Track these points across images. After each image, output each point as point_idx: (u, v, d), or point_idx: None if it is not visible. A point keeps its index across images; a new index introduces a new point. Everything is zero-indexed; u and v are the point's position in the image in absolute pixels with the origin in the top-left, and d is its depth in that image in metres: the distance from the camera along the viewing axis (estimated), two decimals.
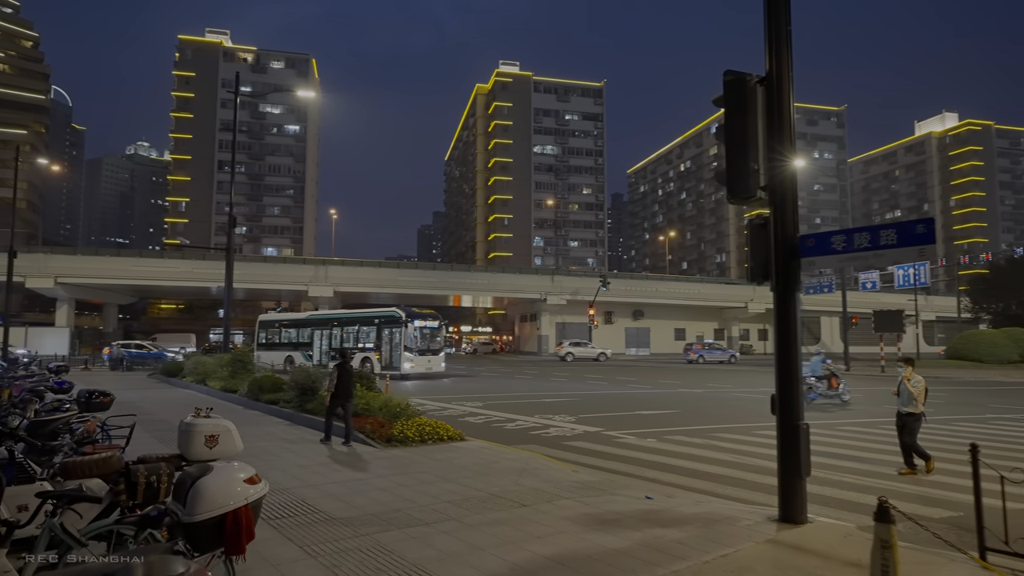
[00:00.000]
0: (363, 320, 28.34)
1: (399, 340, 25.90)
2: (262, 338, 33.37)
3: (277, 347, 32.05)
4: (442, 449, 9.41)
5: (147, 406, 14.64)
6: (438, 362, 27.09)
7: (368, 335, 27.71)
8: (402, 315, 26.19)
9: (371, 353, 26.95)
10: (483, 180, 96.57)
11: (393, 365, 25.78)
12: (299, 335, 31.23)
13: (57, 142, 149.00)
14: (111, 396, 7.61)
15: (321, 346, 29.64)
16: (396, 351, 26.01)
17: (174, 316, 75.66)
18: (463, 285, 57.66)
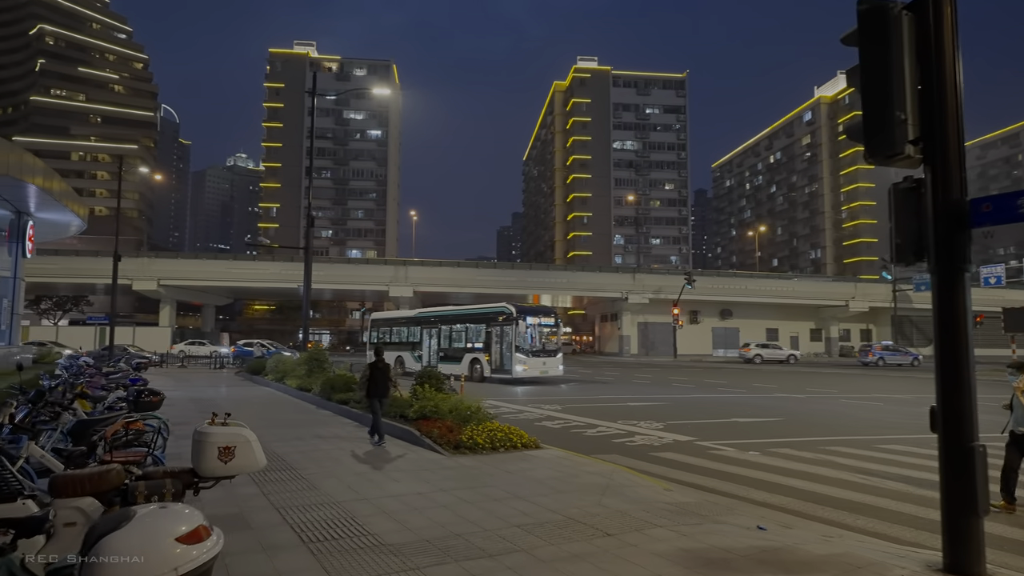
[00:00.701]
0: (471, 317, 25.64)
1: (510, 339, 22.91)
2: (373, 337, 31.62)
3: (388, 347, 30.09)
4: (515, 459, 8.47)
5: (223, 404, 14.64)
6: (554, 365, 23.89)
7: (477, 334, 24.98)
8: (512, 311, 23.12)
9: (480, 354, 24.27)
10: (561, 178, 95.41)
11: (504, 368, 23.05)
12: (408, 334, 29.12)
13: (165, 156, 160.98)
14: (160, 395, 7.21)
15: (430, 346, 27.22)
16: (507, 352, 23.09)
17: (267, 317, 79.35)
18: (542, 284, 56.78)
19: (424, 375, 11.83)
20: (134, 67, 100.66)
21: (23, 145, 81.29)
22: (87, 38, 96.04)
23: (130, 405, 6.96)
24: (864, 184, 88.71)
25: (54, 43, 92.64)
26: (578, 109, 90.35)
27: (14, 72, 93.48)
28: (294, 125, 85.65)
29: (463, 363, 24.44)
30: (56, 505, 3.30)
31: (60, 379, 8.02)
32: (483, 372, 23.70)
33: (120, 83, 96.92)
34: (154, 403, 7.06)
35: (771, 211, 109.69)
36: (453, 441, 8.99)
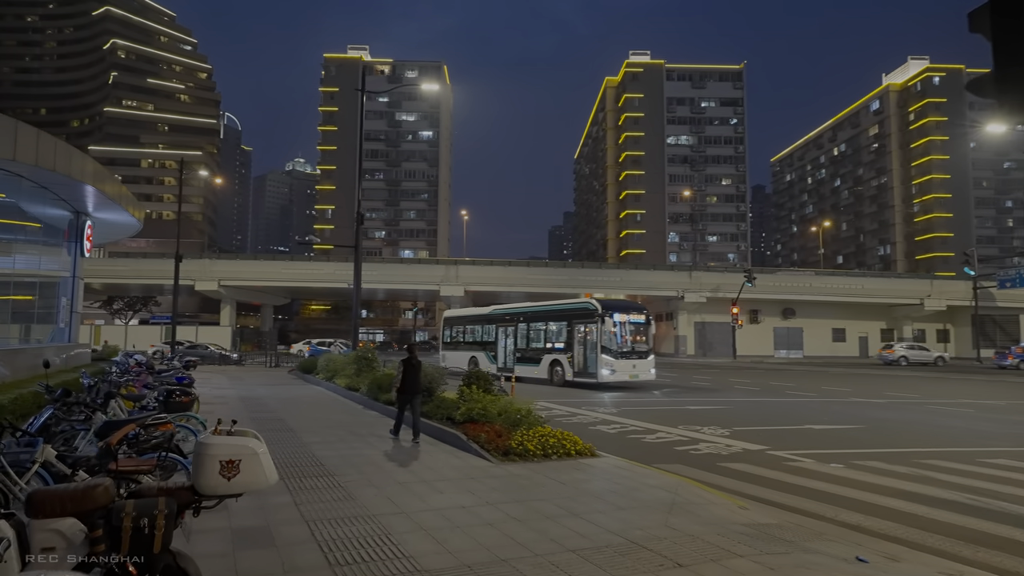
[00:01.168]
0: (551, 314, 23.23)
1: (595, 339, 20.36)
2: (446, 336, 29.60)
3: (461, 346, 28.11)
4: (568, 467, 7.77)
5: (270, 404, 14.49)
6: (646, 368, 21.05)
7: (558, 333, 22.59)
8: (597, 307, 20.66)
9: (561, 355, 21.86)
10: (613, 176, 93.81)
11: (588, 371, 20.57)
12: (482, 333, 26.95)
13: (228, 162, 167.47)
14: (191, 396, 6.86)
15: (505, 346, 25.05)
16: (591, 353, 20.55)
17: (322, 316, 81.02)
18: (594, 283, 55.65)
19: (472, 376, 11.23)
20: (198, 77, 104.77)
21: (97, 154, 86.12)
22: (155, 51, 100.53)
23: (160, 406, 6.63)
24: (939, 176, 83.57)
25: (125, 56, 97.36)
26: (630, 105, 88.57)
27: (90, 85, 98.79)
28: (348, 128, 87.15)
29: (542, 365, 22.62)
30: (32, 527, 2.83)
31: (100, 378, 7.79)
32: (564, 375, 21.44)
33: (185, 92, 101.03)
34: (184, 403, 6.71)
35: (835, 206, 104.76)
36: (502, 447, 8.37)
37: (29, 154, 8.61)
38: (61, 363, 13.97)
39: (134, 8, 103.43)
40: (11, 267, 14.29)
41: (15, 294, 14.21)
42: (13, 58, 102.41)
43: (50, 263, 14.48)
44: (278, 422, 11.42)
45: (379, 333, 79.84)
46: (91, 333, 45.82)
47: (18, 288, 14.22)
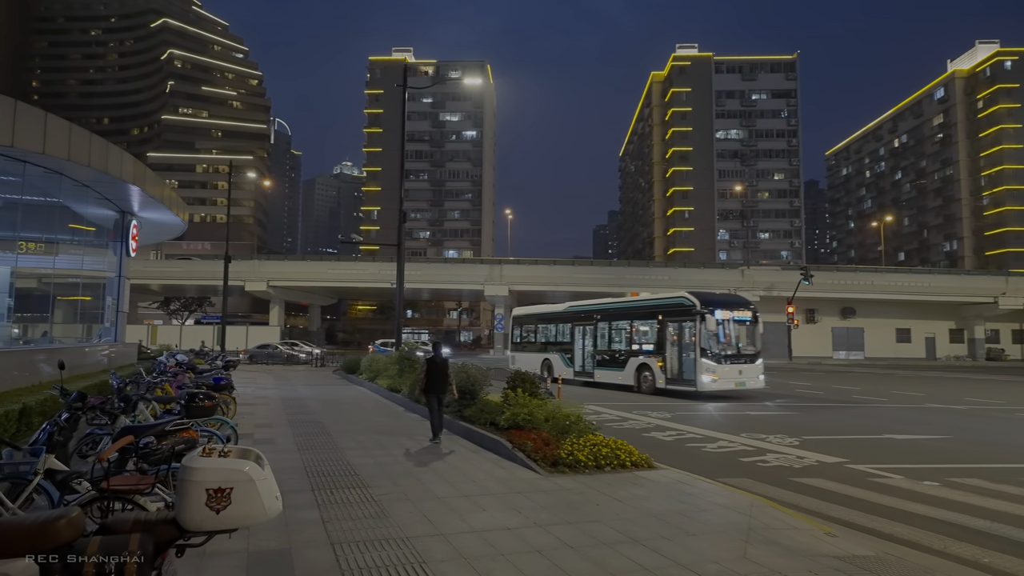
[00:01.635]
0: (639, 311, 20.43)
1: (693, 340, 17.50)
2: (516, 336, 27.16)
3: (533, 347, 25.82)
4: (623, 481, 7.02)
5: (311, 404, 14.17)
6: (753, 373, 17.98)
7: (647, 333, 19.81)
8: (694, 302, 17.71)
9: (650, 358, 18.95)
10: (660, 172, 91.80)
11: (683, 377, 17.75)
12: (556, 332, 24.52)
13: (279, 166, 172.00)
14: (215, 400, 6.41)
15: (583, 347, 22.35)
16: (688, 356, 17.74)
17: (368, 317, 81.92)
18: (641, 282, 54.28)
19: (517, 378, 10.56)
20: (249, 84, 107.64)
21: (155, 160, 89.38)
22: (209, 59, 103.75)
23: (183, 410, 6.21)
24: (1011, 166, 78.54)
25: (181, 66, 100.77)
26: (678, 99, 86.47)
27: (148, 95, 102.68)
28: (393, 130, 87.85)
29: (627, 370, 19.91)
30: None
31: (131, 378, 7.45)
32: (654, 382, 18.60)
33: (238, 99, 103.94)
34: (207, 408, 6.27)
35: (896, 200, 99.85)
36: (550, 456, 7.67)
37: (60, 147, 8.45)
38: (107, 362, 14.00)
39: (189, 19, 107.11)
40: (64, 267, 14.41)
41: (66, 294, 14.33)
42: (79, 71, 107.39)
43: (98, 263, 14.59)
44: (315, 425, 11.03)
45: (424, 333, 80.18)
46: (148, 333, 47.30)
47: (68, 288, 14.34)
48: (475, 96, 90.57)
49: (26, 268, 13.69)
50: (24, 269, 15.35)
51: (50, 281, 12.99)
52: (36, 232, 12.85)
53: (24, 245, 12.53)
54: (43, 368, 11.51)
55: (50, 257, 12.49)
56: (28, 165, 9.00)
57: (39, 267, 13.46)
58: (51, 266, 13.12)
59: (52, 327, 14.21)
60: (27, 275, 13.91)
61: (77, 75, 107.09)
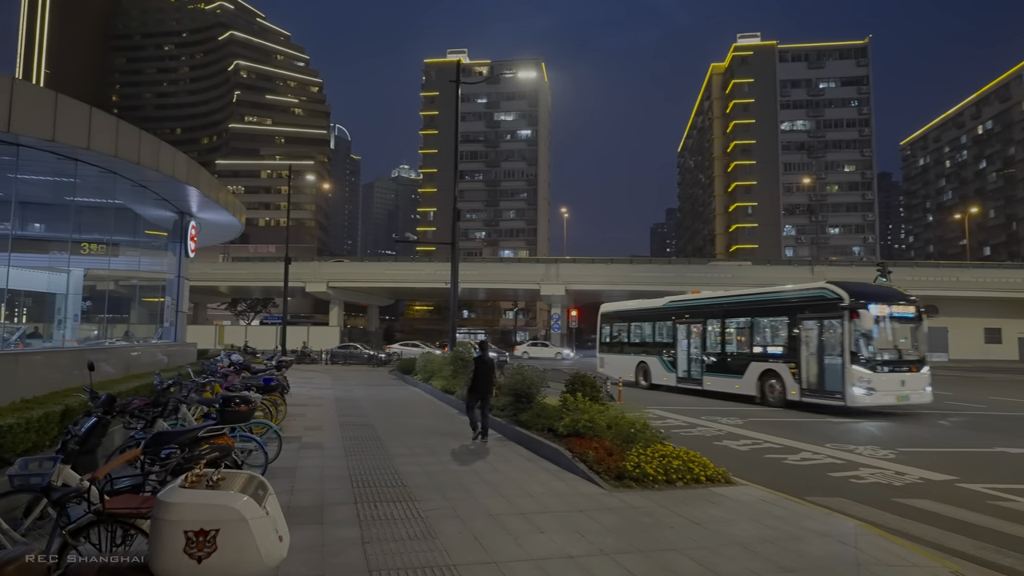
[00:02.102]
0: (764, 306, 16.96)
1: (840, 341, 14.11)
2: (605, 336, 24.33)
3: (626, 349, 22.92)
4: (698, 499, 6.23)
5: (363, 406, 13.88)
6: (919, 384, 14.47)
7: (774, 332, 16.64)
8: (840, 295, 14.31)
9: (779, 363, 15.70)
10: (721, 167, 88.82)
11: (825, 388, 14.38)
12: (655, 332, 21.34)
13: (339, 171, 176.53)
14: (252, 403, 6.00)
15: (689, 348, 19.20)
16: (832, 361, 14.37)
17: (425, 317, 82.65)
18: (703, 280, 52.39)
19: (576, 381, 9.86)
20: (310, 91, 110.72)
21: (223, 167, 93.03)
22: (273, 68, 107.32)
23: (217, 415, 5.83)
24: None
25: (247, 76, 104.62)
26: (739, 91, 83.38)
27: (216, 105, 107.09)
28: (449, 131, 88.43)
29: (747, 377, 16.62)
30: None
31: (173, 380, 7.18)
32: (784, 393, 15.32)
33: (299, 106, 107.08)
34: (242, 412, 5.87)
35: (980, 191, 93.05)
36: (614, 469, 6.95)
37: (106, 143, 8.38)
38: (167, 361, 14.14)
39: (254, 31, 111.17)
40: (126, 268, 14.64)
41: (128, 295, 14.56)
42: (154, 84, 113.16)
43: (158, 264, 14.81)
44: (366, 428, 10.64)
45: (480, 333, 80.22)
46: (215, 333, 49.01)
47: (130, 289, 14.56)
48: (529, 95, 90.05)
49: (91, 270, 13.97)
50: (89, 271, 15.75)
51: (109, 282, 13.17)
52: (98, 234, 13.04)
53: (87, 247, 12.72)
54: (105, 368, 11.61)
55: (112, 258, 12.66)
56: (80, 164, 9.00)
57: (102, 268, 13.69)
58: (114, 268, 13.31)
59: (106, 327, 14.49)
60: (90, 277, 14.19)
61: (152, 88, 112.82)
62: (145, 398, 6.85)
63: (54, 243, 11.36)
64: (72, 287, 17.13)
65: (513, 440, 9.60)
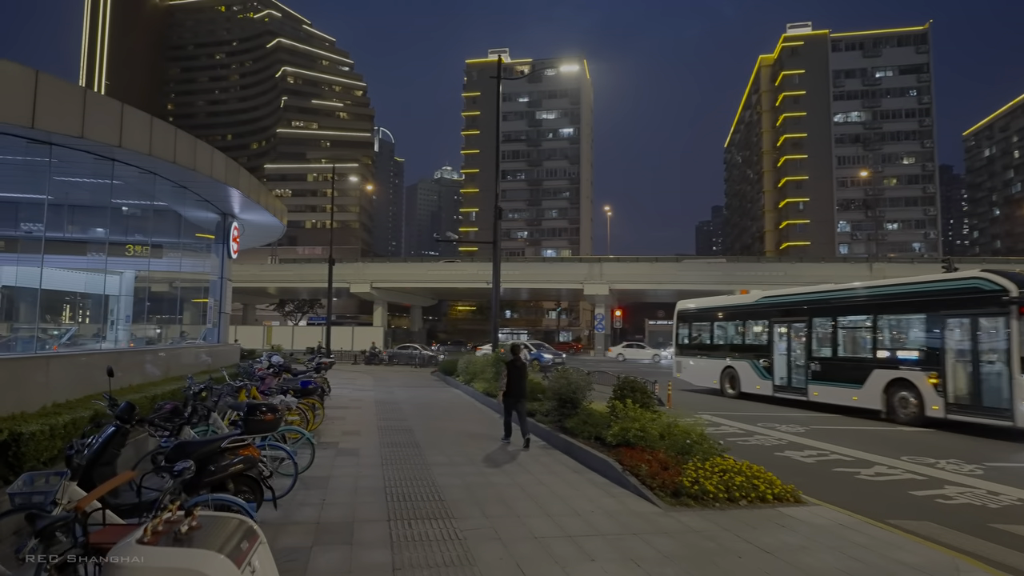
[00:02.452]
0: (892, 302, 14.04)
1: (1005, 344, 11.36)
2: (683, 337, 21.67)
3: (709, 352, 20.02)
4: (766, 521, 5.58)
5: (404, 409, 13.55)
6: None
7: (905, 332, 13.88)
8: (1006, 286, 11.50)
9: (913, 371, 12.94)
10: (771, 162, 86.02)
11: (983, 403, 11.62)
12: (746, 332, 18.54)
13: (383, 173, 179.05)
14: (278, 412, 5.64)
15: (789, 352, 16.37)
16: (993, 370, 11.63)
17: (468, 317, 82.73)
18: (753, 279, 50.63)
19: (625, 386, 9.25)
20: (355, 95, 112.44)
21: (271, 172, 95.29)
22: (319, 74, 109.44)
23: (243, 424, 5.50)
24: None
25: (293, 81, 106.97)
26: (789, 82, 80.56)
27: (265, 111, 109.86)
28: (490, 131, 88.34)
29: (869, 387, 13.79)
30: None
31: (204, 384, 6.93)
32: (923, 407, 12.52)
33: (344, 110, 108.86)
34: (268, 422, 5.53)
35: None
36: (670, 484, 6.35)
37: (139, 141, 8.25)
38: (210, 362, 14.15)
39: (300, 37, 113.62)
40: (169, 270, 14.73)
41: (171, 296, 14.64)
42: (206, 92, 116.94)
43: (201, 265, 14.87)
44: (405, 433, 10.28)
45: (523, 333, 79.83)
46: (263, 333, 50.01)
47: (174, 291, 14.65)
48: (572, 92, 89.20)
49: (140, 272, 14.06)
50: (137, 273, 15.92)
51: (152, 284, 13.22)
52: (143, 235, 13.10)
53: (132, 249, 12.78)
54: (148, 369, 11.61)
55: (156, 260, 12.69)
56: (118, 165, 8.93)
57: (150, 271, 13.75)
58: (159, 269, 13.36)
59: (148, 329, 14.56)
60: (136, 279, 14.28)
61: (204, 96, 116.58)
62: (179, 402, 6.61)
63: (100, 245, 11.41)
64: (124, 288, 17.45)
65: (559, 448, 9.07)
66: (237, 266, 58.83)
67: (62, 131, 6.84)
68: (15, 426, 5.02)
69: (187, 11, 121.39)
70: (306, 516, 5.40)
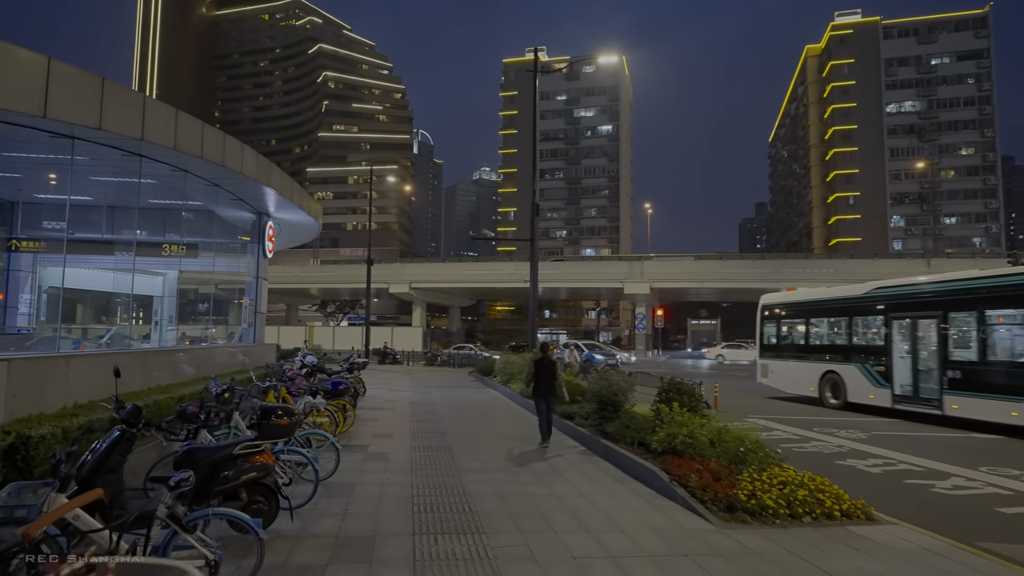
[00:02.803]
0: None
1: None
2: (769, 336, 18.70)
3: (803, 353, 17.24)
4: (836, 542, 4.94)
5: (439, 410, 13.17)
6: None
7: None
8: None
9: None
10: (818, 155, 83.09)
11: None
12: (854, 330, 15.66)
13: (422, 175, 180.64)
14: (295, 416, 5.28)
15: (916, 353, 13.45)
16: None
17: (507, 317, 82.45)
18: (801, 276, 48.75)
19: (671, 388, 8.63)
20: (394, 97, 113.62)
21: (313, 175, 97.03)
22: (359, 78, 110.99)
23: (256, 429, 5.16)
24: None
25: (334, 86, 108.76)
26: (838, 73, 77.64)
27: (307, 116, 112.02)
28: (528, 130, 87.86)
29: None
30: None
31: (227, 385, 6.65)
32: None
33: (383, 113, 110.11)
34: (283, 427, 5.17)
35: None
36: (723, 498, 5.75)
37: (164, 135, 8.06)
38: (247, 362, 14.07)
39: (341, 42, 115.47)
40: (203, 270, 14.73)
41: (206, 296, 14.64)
42: (250, 99, 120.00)
43: (236, 264, 14.83)
44: (438, 436, 9.88)
45: (561, 333, 79.09)
46: (305, 334, 50.71)
47: (209, 290, 14.65)
48: (610, 89, 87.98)
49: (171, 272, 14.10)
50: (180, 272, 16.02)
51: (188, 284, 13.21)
52: (178, 235, 13.09)
53: (168, 248, 12.77)
54: (183, 368, 11.55)
55: (191, 260, 12.68)
56: (147, 161, 8.79)
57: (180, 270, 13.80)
58: (194, 269, 13.40)
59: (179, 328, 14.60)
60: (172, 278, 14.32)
61: (249, 103, 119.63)
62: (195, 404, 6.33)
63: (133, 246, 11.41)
64: (167, 290, 17.63)
65: (598, 454, 8.52)
66: (279, 268, 59.93)
67: (78, 121, 6.66)
68: (24, 429, 4.78)
69: (232, 21, 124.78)
70: (325, 528, 5.02)
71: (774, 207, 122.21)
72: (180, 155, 8.78)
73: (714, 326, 74.85)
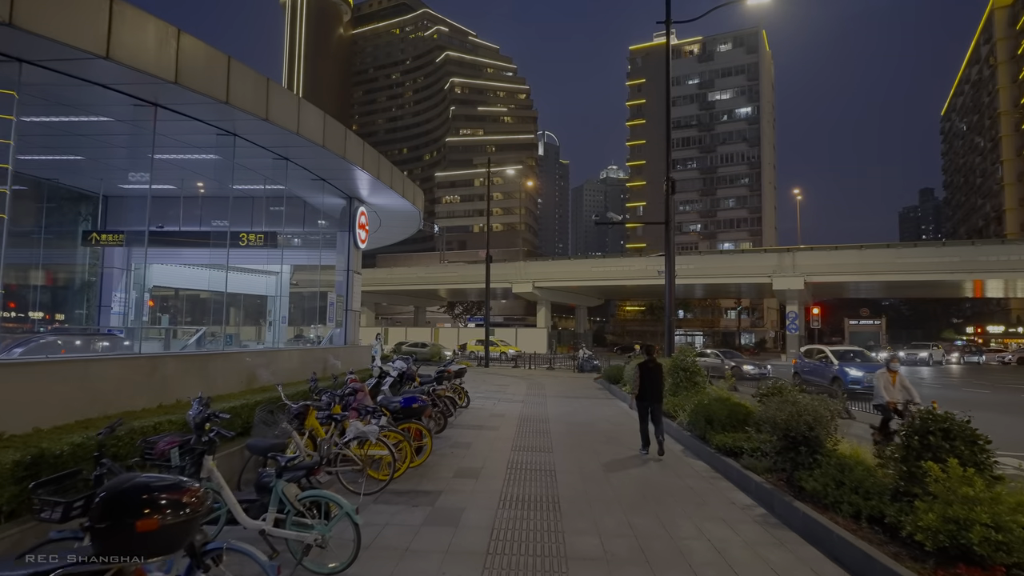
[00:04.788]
0: None
1: None
2: None
3: None
4: None
5: (552, 431, 10.37)
6: None
7: None
8: None
9: None
10: (1010, 124, 70.20)
11: None
12: None
13: (549, 176, 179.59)
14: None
15: None
16: None
17: (637, 318, 78.07)
18: (995, 266, 40.38)
19: (929, 424, 5.21)
20: (518, 99, 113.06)
21: (442, 179, 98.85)
22: (484, 82, 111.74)
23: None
24: None
25: (461, 91, 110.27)
26: None
27: (436, 123, 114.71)
28: (657, 119, 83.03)
29: None
30: None
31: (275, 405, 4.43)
32: None
33: (508, 114, 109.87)
34: None
35: None
36: None
37: (245, 98, 6.39)
38: (339, 366, 12.34)
39: (467, 49, 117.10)
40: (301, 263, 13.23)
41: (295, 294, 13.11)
42: (384, 111, 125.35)
43: (325, 257, 13.17)
44: (544, 477, 7.13)
45: (697, 335, 73.26)
46: (431, 334, 50.43)
47: (296, 286, 13.10)
48: (749, 68, 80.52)
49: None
50: None
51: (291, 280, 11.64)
52: (258, 224, 11.58)
53: (245, 237, 11.27)
54: (258, 373, 9.93)
55: (280, 252, 11.09)
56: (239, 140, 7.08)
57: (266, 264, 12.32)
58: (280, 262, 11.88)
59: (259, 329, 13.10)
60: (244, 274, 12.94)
61: (383, 115, 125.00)
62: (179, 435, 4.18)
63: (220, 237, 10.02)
64: (281, 289, 16.57)
65: (795, 529, 5.30)
66: (406, 269, 60.27)
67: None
68: None
69: (367, 38, 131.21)
70: None
71: (949, 190, 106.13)
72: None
73: (878, 326, 65.30)
